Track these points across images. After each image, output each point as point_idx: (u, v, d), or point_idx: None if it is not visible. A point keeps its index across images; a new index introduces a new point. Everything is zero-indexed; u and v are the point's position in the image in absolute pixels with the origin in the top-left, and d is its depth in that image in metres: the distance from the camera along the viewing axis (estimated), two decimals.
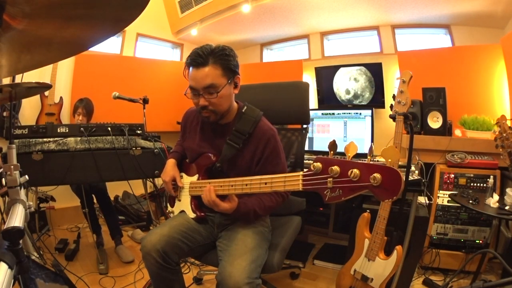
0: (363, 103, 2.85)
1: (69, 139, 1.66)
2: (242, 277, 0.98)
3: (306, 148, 2.54)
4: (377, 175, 0.73)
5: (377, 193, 0.74)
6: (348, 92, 2.90)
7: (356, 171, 0.76)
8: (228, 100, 1.16)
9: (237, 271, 0.99)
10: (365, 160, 0.83)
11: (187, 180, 1.31)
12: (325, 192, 0.81)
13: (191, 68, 1.11)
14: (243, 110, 1.22)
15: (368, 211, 1.45)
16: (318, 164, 0.83)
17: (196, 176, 1.27)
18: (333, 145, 0.91)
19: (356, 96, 2.88)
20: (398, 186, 0.72)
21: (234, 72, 1.14)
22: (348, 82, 2.89)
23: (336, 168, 0.79)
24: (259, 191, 0.98)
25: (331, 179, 0.80)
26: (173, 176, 1.29)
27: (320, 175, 0.83)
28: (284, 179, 0.92)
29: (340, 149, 0.91)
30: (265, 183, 0.96)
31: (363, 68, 2.80)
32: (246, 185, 1.00)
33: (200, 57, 1.07)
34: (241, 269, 1.00)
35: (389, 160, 0.81)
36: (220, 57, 1.09)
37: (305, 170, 0.87)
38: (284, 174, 0.93)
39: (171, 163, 1.34)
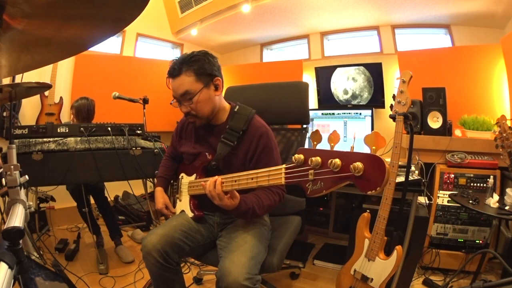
0: (361, 103, 2.84)
1: (69, 139, 1.66)
2: (242, 273, 0.98)
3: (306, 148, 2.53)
4: (358, 164, 0.66)
5: (360, 184, 0.67)
6: (346, 92, 2.90)
7: (336, 161, 0.69)
8: (208, 103, 1.19)
9: (237, 267, 1.00)
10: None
11: (186, 180, 1.31)
12: (307, 185, 0.76)
13: (170, 80, 1.19)
14: (236, 110, 1.24)
15: (368, 211, 1.45)
16: (300, 156, 0.77)
17: (194, 176, 1.28)
18: (316, 135, 0.88)
19: (354, 96, 2.87)
20: (381, 176, 0.64)
21: (209, 75, 1.17)
22: (346, 82, 2.89)
23: (317, 159, 0.73)
24: (246, 187, 0.97)
25: (313, 170, 0.74)
26: (165, 203, 1.33)
27: (302, 167, 0.77)
28: (268, 173, 0.89)
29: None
30: (252, 178, 0.94)
31: (361, 67, 2.80)
32: (235, 181, 0.99)
33: (174, 69, 1.15)
34: (241, 264, 1.01)
35: (373, 147, 0.77)
36: (191, 64, 1.14)
37: (288, 162, 0.83)
38: (269, 168, 0.90)
39: (159, 191, 1.37)
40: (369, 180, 0.65)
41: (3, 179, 0.99)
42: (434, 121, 2.11)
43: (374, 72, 2.75)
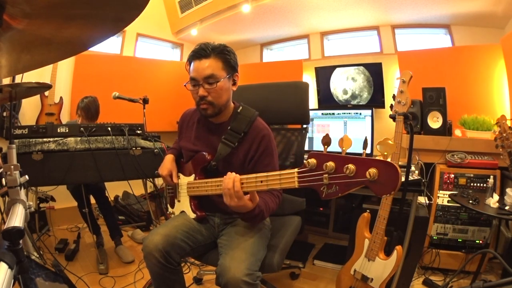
0: (361, 103, 2.84)
1: (69, 139, 1.66)
2: (242, 268, 0.98)
3: (306, 148, 2.53)
4: (373, 170, 0.70)
5: (374, 188, 0.72)
6: (345, 92, 2.90)
7: (351, 166, 0.73)
8: (227, 93, 1.19)
9: (236, 263, 1.00)
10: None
11: (184, 181, 1.31)
12: (321, 189, 0.79)
13: (192, 63, 1.16)
14: (239, 110, 1.24)
15: (368, 211, 1.45)
16: (313, 160, 0.80)
17: (193, 176, 1.27)
18: (327, 139, 0.90)
19: (354, 96, 2.87)
20: (395, 181, 0.69)
21: (233, 68, 1.19)
22: (345, 82, 2.88)
23: (331, 164, 0.77)
24: (255, 190, 0.97)
25: (327, 175, 0.78)
26: (170, 170, 1.31)
27: (315, 172, 0.80)
28: (280, 176, 0.90)
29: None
30: (261, 181, 0.94)
31: (361, 67, 2.80)
32: (243, 183, 0.98)
33: (203, 50, 1.14)
34: (241, 260, 1.01)
35: (385, 153, 0.80)
36: (221, 52, 1.15)
37: (300, 167, 0.85)
38: (280, 172, 0.90)
39: (169, 158, 1.37)
40: (383, 185, 0.70)
41: (3, 179, 0.99)
42: (434, 121, 2.11)
43: (374, 72, 2.75)
